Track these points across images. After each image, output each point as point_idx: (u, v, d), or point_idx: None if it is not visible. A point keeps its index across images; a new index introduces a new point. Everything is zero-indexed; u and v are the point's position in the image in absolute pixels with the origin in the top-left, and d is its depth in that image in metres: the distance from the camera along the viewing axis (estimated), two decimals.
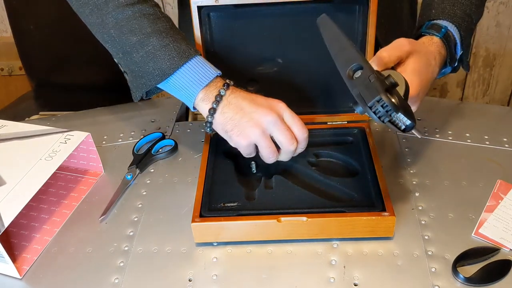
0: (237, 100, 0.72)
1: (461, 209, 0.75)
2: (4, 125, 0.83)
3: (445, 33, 0.74)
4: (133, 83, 0.79)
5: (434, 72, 0.71)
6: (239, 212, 0.71)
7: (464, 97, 1.86)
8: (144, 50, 0.74)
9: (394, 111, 0.59)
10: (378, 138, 0.86)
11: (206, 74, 0.73)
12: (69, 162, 0.86)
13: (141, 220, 0.76)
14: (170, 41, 0.74)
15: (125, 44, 0.76)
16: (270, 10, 0.81)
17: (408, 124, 0.61)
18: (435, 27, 0.75)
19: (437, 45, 0.74)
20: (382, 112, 0.60)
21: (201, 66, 0.74)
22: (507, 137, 0.87)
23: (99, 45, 0.81)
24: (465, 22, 0.76)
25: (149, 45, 0.74)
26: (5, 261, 0.68)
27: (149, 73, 0.75)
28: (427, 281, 0.65)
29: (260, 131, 0.70)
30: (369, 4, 0.78)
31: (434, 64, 0.71)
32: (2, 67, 1.81)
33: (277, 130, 0.70)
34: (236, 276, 0.68)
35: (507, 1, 1.61)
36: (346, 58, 0.64)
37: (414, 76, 0.67)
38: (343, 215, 0.69)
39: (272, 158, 0.72)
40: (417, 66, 0.68)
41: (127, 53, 0.76)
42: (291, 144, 0.71)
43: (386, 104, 0.59)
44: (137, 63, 0.76)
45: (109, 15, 0.76)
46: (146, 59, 0.74)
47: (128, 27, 0.75)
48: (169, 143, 0.90)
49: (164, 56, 0.73)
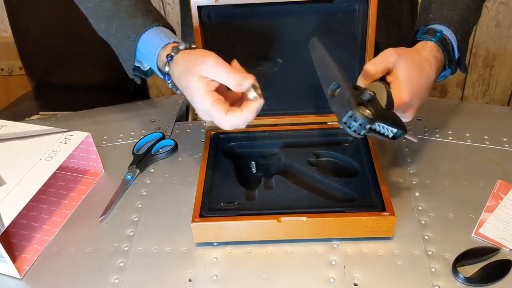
0: (176, 81, 0.72)
1: (461, 209, 0.75)
2: (4, 125, 0.83)
3: (440, 37, 0.74)
4: (124, 67, 0.81)
5: (430, 76, 0.71)
6: (239, 212, 0.71)
7: (464, 97, 1.86)
8: (112, 34, 0.78)
9: (368, 124, 0.61)
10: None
11: (156, 44, 0.74)
12: (69, 162, 0.86)
13: (141, 220, 0.76)
14: (128, 19, 0.76)
15: (101, 31, 0.80)
16: (270, 10, 0.81)
17: (395, 132, 0.63)
18: (430, 32, 0.75)
19: (431, 49, 0.74)
20: (356, 126, 0.61)
21: (154, 37, 0.75)
22: (507, 137, 0.87)
23: (99, 45, 0.81)
24: (462, 26, 0.76)
25: (113, 28, 0.77)
26: (5, 261, 0.68)
27: (124, 55, 0.78)
28: (427, 281, 0.65)
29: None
30: (369, 4, 0.78)
31: (429, 68, 0.71)
32: (2, 67, 1.81)
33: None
34: (236, 276, 0.68)
35: (507, 1, 1.61)
36: (328, 78, 0.66)
37: (403, 83, 0.68)
38: (343, 215, 0.69)
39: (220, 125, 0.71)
40: (407, 73, 0.69)
41: (107, 39, 0.80)
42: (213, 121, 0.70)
43: (358, 118, 0.60)
44: (114, 46, 0.79)
45: (86, 6, 0.80)
46: (116, 42, 0.78)
47: (97, 13, 0.79)
48: (169, 143, 0.90)
49: (124, 36, 0.76)
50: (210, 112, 0.67)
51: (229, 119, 0.66)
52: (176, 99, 1.03)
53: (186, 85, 0.68)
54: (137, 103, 1.06)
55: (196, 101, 0.68)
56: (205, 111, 0.67)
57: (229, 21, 0.82)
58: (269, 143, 0.84)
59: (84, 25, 0.83)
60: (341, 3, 0.80)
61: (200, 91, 0.66)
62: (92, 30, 0.82)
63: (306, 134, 0.85)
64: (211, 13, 0.81)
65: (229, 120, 0.66)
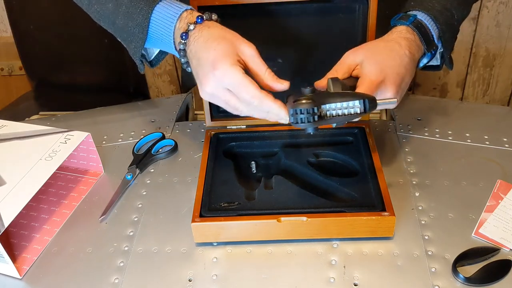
0: (195, 46, 0.68)
1: (461, 209, 0.75)
2: (4, 125, 0.83)
3: (413, 20, 0.74)
4: (130, 52, 0.78)
5: (401, 56, 0.70)
6: (239, 212, 0.71)
7: (464, 97, 1.86)
8: (120, 13, 0.74)
9: (311, 107, 0.62)
10: (378, 138, 0.86)
11: (174, 11, 0.71)
12: (69, 162, 0.86)
13: (141, 220, 0.76)
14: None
15: (107, 14, 0.76)
16: (270, 10, 0.81)
17: (360, 105, 0.63)
18: (404, 17, 0.75)
19: (400, 32, 0.73)
20: (304, 117, 0.63)
21: (170, 5, 0.71)
22: (507, 137, 0.87)
23: (99, 45, 0.81)
24: (443, 16, 0.76)
25: (122, 5, 0.74)
26: (5, 261, 0.68)
27: (133, 34, 0.74)
28: (427, 281, 0.65)
29: (208, 96, 0.68)
30: (369, 4, 0.78)
31: (399, 48, 0.71)
32: (2, 67, 1.81)
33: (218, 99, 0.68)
34: (236, 276, 0.68)
35: (507, 1, 1.61)
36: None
37: (367, 67, 0.68)
38: (343, 215, 0.69)
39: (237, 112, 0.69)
40: (370, 57, 0.69)
41: (112, 23, 0.76)
42: (236, 111, 0.68)
43: (299, 109, 0.63)
44: (122, 28, 0.75)
45: None
46: (125, 21, 0.74)
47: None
48: (169, 143, 0.90)
49: (135, 10, 0.72)
50: (244, 85, 0.64)
51: (266, 98, 0.64)
52: (176, 99, 1.03)
53: (215, 48, 0.65)
54: (137, 103, 1.06)
55: (223, 70, 0.64)
56: (233, 84, 0.64)
57: (229, 21, 0.82)
58: (269, 143, 0.84)
59: (84, 25, 0.83)
60: (341, 3, 0.80)
61: (233, 60, 0.64)
62: (92, 30, 0.82)
63: (306, 134, 0.85)
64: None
65: (264, 99, 0.64)
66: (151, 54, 0.80)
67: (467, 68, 1.78)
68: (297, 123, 0.64)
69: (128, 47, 0.78)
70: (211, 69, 0.65)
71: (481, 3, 1.61)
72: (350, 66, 0.71)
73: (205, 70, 0.66)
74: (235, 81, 0.64)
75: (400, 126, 0.91)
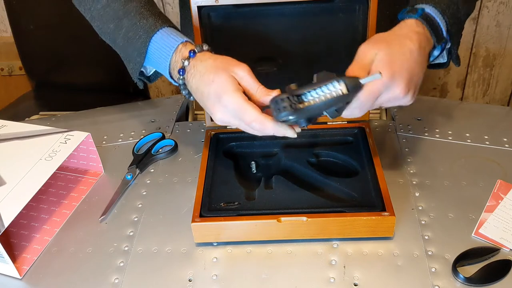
0: (194, 83, 0.71)
1: (461, 209, 0.75)
2: (4, 125, 0.83)
3: (421, 13, 0.74)
4: (129, 69, 0.80)
5: (412, 51, 0.70)
6: (239, 212, 0.71)
7: (464, 97, 1.86)
8: (120, 35, 0.77)
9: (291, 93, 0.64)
10: (378, 138, 0.86)
11: (170, 44, 0.73)
12: (69, 162, 0.86)
13: (141, 220, 0.76)
14: (138, 19, 0.76)
15: (109, 32, 0.79)
16: (270, 10, 0.81)
17: (344, 84, 0.63)
18: (412, 10, 0.75)
19: (410, 25, 0.73)
20: (286, 105, 0.64)
21: (166, 36, 0.74)
22: (507, 137, 0.87)
23: (99, 45, 0.81)
24: (450, 9, 0.76)
25: (123, 28, 0.76)
26: (5, 261, 0.68)
27: (132, 56, 0.77)
28: (427, 281, 0.65)
29: (221, 122, 0.71)
30: (369, 4, 0.78)
31: (410, 43, 0.70)
32: (2, 67, 1.81)
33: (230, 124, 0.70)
34: (236, 276, 0.68)
35: (507, 1, 1.61)
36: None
37: (380, 63, 0.67)
38: (343, 215, 0.69)
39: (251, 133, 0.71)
40: (382, 54, 0.68)
41: (113, 41, 0.79)
42: (250, 132, 0.70)
43: (280, 98, 0.65)
44: (122, 47, 0.79)
45: (92, 9, 0.79)
46: (125, 43, 0.77)
47: (106, 15, 0.78)
48: (169, 143, 0.90)
49: (135, 36, 0.75)
50: (244, 110, 0.66)
51: (265, 119, 0.66)
52: (176, 99, 1.03)
53: (214, 80, 0.68)
54: (137, 103, 1.06)
55: (226, 98, 0.67)
56: (235, 110, 0.67)
57: (229, 21, 0.82)
58: (269, 143, 0.84)
59: (84, 25, 0.83)
60: (341, 3, 0.80)
61: (233, 88, 0.67)
62: (92, 30, 0.82)
63: (306, 134, 0.85)
64: (211, 13, 0.81)
65: (264, 121, 0.66)
66: (150, 70, 0.82)
67: (467, 68, 1.78)
68: (280, 114, 0.64)
69: (127, 66, 0.80)
70: (217, 100, 0.68)
71: (481, 3, 1.62)
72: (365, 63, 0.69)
73: (212, 101, 0.69)
74: (236, 107, 0.67)
75: (400, 126, 0.91)
